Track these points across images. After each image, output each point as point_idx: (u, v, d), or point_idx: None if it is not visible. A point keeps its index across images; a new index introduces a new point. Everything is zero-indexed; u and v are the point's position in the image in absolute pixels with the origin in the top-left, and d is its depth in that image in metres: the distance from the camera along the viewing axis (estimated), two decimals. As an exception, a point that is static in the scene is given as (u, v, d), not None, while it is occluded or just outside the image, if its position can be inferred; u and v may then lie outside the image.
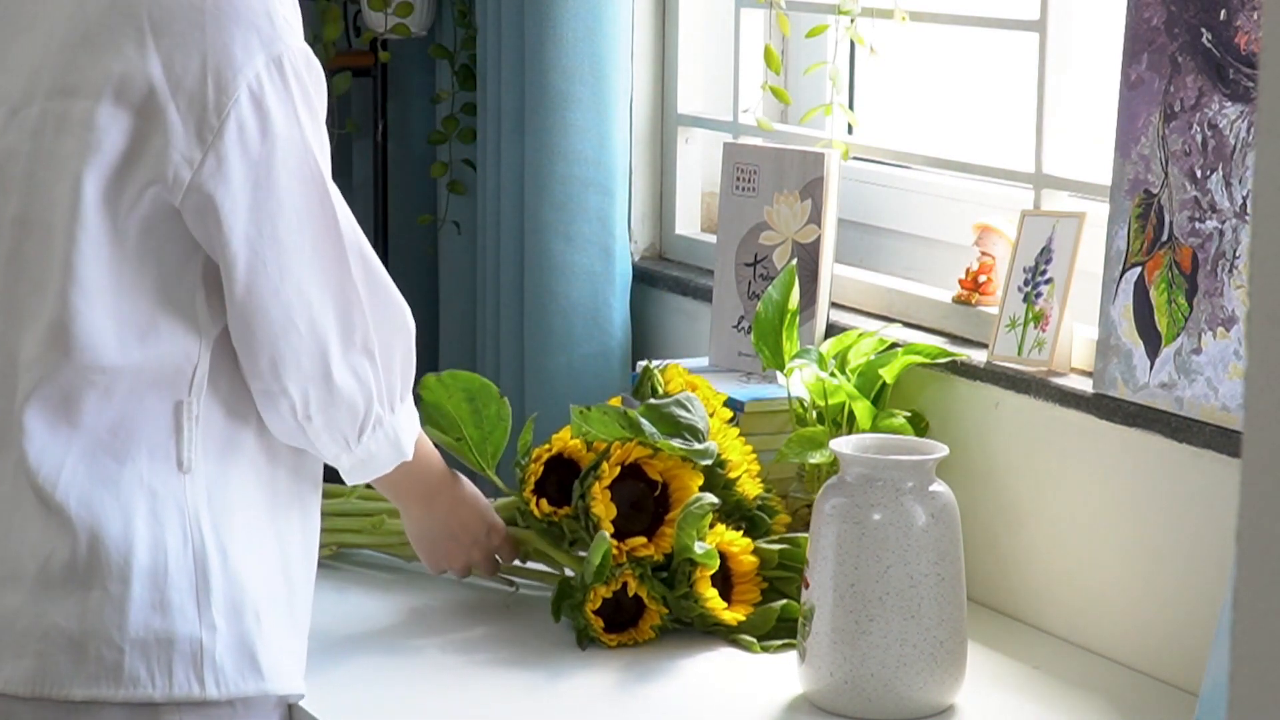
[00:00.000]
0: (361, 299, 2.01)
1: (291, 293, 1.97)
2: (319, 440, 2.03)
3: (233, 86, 1.91)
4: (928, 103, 3.02)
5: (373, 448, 2.07)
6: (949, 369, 2.50)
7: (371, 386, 2.03)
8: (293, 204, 1.96)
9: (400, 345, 2.06)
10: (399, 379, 2.07)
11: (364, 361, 2.02)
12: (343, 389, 2.01)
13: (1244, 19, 2.17)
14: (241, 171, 1.92)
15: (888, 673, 2.11)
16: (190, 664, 1.97)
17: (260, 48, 1.92)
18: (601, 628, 2.31)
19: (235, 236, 1.93)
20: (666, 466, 2.36)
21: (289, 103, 1.94)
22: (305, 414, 2.00)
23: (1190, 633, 2.19)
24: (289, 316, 1.97)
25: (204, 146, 1.91)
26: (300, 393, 1.99)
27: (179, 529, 1.97)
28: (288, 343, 1.97)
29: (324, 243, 1.98)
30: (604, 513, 2.32)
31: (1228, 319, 2.17)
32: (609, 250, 3.02)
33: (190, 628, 1.97)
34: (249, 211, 1.93)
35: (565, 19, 2.97)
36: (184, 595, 1.97)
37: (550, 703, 2.20)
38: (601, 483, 2.34)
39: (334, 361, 2.00)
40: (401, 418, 2.08)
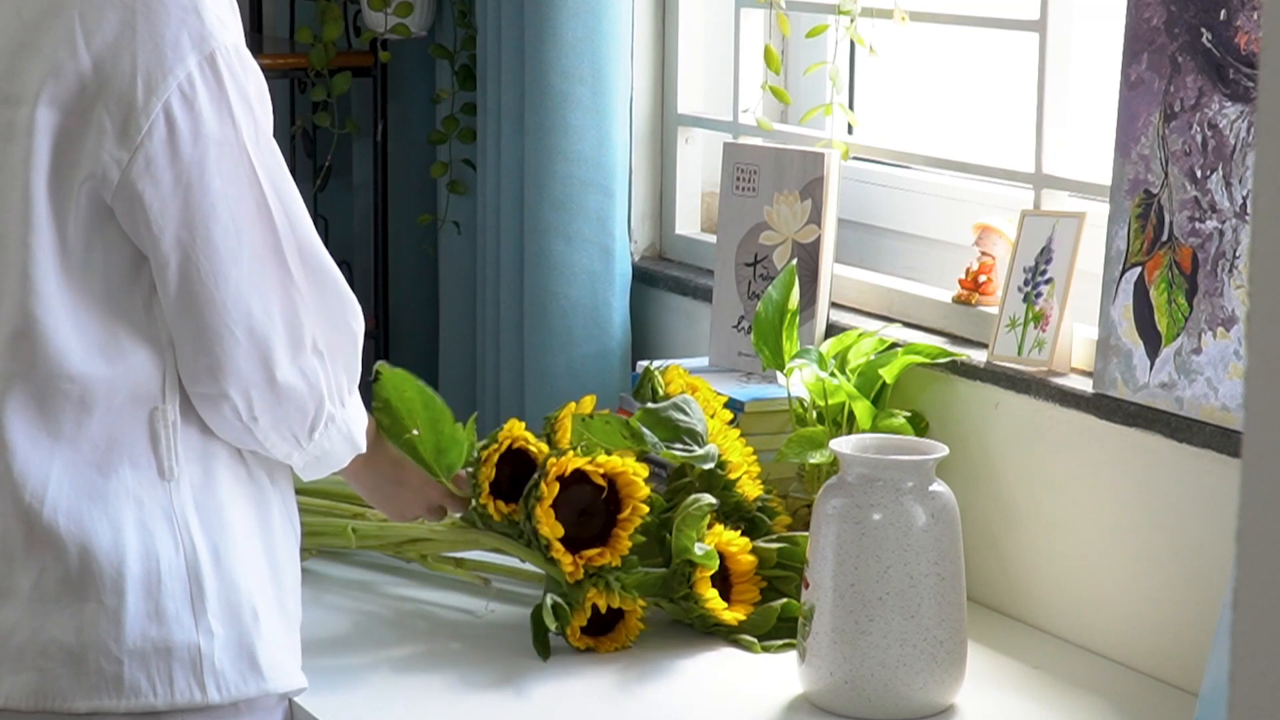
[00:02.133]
0: (306, 300, 1.98)
1: (228, 298, 1.93)
2: (268, 440, 2.00)
3: (163, 87, 1.89)
4: (928, 103, 3.02)
5: (326, 445, 2.04)
6: (949, 369, 2.50)
7: (322, 386, 2.00)
8: (227, 207, 1.92)
9: (347, 341, 2.03)
10: (346, 376, 2.04)
11: (314, 362, 1.99)
12: (290, 391, 1.98)
13: (1244, 19, 2.17)
14: (171, 173, 1.90)
15: (888, 673, 2.11)
16: (190, 670, 1.97)
17: (192, 47, 1.91)
18: (590, 645, 2.31)
19: (165, 239, 1.91)
20: (609, 467, 2.34)
21: (223, 102, 1.92)
22: (250, 415, 1.97)
23: (1190, 633, 2.19)
24: (225, 322, 1.94)
25: (131, 146, 1.89)
26: (242, 396, 1.96)
27: (169, 537, 1.97)
28: (224, 349, 1.94)
29: (262, 247, 1.95)
30: (551, 533, 2.30)
31: (1228, 319, 2.17)
32: (609, 250, 3.02)
33: (187, 635, 1.97)
34: (180, 214, 1.91)
35: (565, 19, 2.97)
36: (179, 603, 1.97)
37: (550, 702, 2.20)
38: (544, 504, 2.31)
39: (280, 365, 1.96)
40: (352, 411, 2.06)
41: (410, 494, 2.31)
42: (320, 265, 2.01)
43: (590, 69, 2.99)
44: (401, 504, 2.32)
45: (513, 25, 3.06)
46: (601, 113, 3.00)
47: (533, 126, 3.02)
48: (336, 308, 2.02)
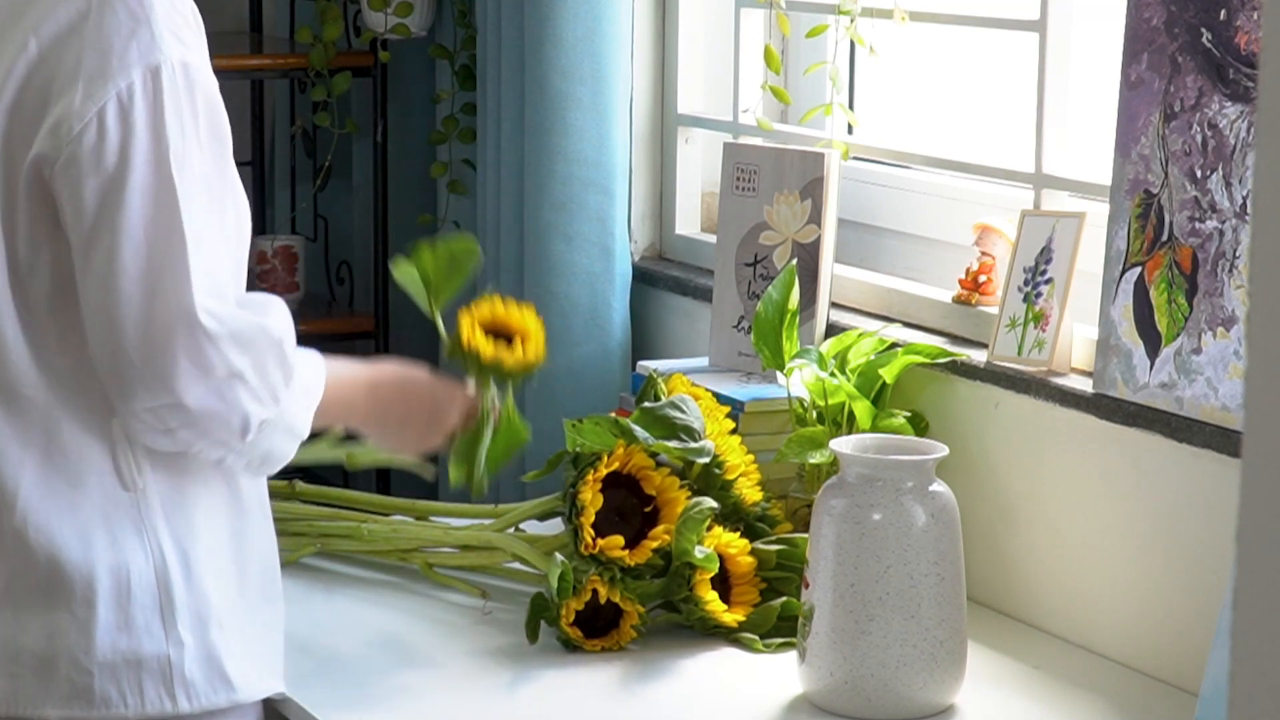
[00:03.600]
0: (214, 332, 1.91)
1: (129, 314, 1.89)
2: (194, 449, 1.96)
3: (101, 94, 1.88)
4: (928, 103, 3.02)
5: (264, 445, 1.98)
6: (949, 369, 2.50)
7: (243, 402, 1.93)
8: (140, 226, 1.88)
9: (273, 355, 1.95)
10: (278, 378, 1.96)
11: (230, 383, 1.92)
12: (205, 412, 1.92)
13: (1244, 19, 2.17)
14: (93, 180, 1.88)
15: (888, 673, 2.11)
16: (160, 682, 1.98)
17: (138, 58, 1.89)
18: (582, 637, 2.31)
19: (78, 242, 1.89)
20: (663, 485, 2.36)
21: (158, 118, 1.89)
22: (168, 430, 1.93)
23: (1190, 633, 2.19)
24: (127, 338, 1.89)
25: (61, 145, 1.88)
26: (154, 415, 1.92)
27: (139, 548, 1.97)
28: (127, 364, 1.90)
29: (171, 275, 1.89)
30: (589, 500, 2.32)
31: (1228, 319, 2.17)
32: (609, 250, 3.02)
33: (157, 646, 1.97)
34: (93, 222, 1.88)
35: (565, 19, 2.97)
36: (149, 614, 1.97)
37: (550, 702, 2.20)
38: (596, 473, 2.33)
39: (186, 392, 1.90)
40: (289, 405, 1.98)
41: (420, 433, 2.21)
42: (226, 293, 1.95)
43: (590, 69, 2.99)
44: (411, 444, 2.22)
45: (513, 25, 3.06)
46: (601, 113, 3.00)
47: (533, 126, 3.02)
48: (253, 332, 1.94)
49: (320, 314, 3.51)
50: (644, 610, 2.33)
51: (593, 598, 2.30)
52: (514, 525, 2.49)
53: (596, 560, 2.32)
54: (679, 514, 2.34)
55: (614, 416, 2.39)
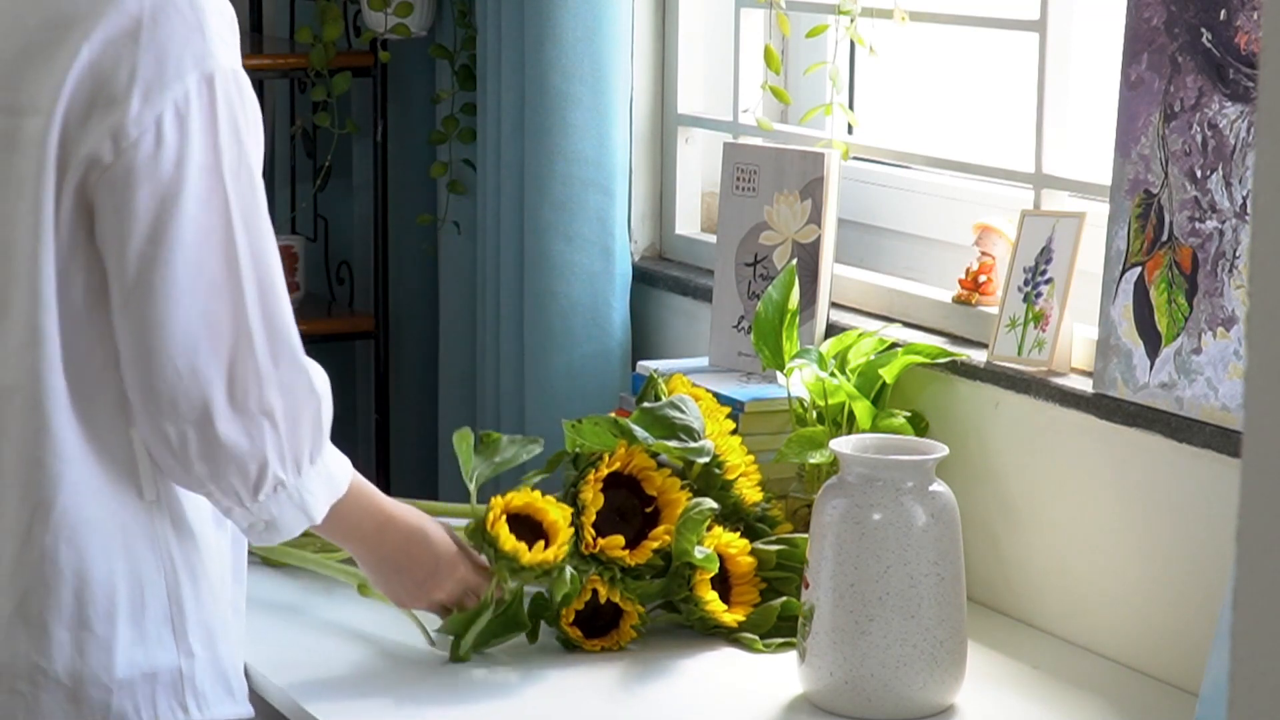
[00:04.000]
0: (258, 358, 1.92)
1: (176, 328, 1.89)
2: (204, 487, 1.94)
3: (158, 102, 1.87)
4: (928, 103, 3.02)
5: (274, 510, 1.97)
6: (949, 369, 2.50)
7: (267, 449, 1.93)
8: (195, 237, 1.89)
9: (308, 412, 1.97)
10: (307, 442, 1.97)
11: (261, 422, 1.92)
12: (229, 445, 1.91)
13: (1244, 19, 2.17)
14: (148, 187, 1.87)
15: (888, 673, 2.11)
16: (173, 694, 1.97)
17: (193, 66, 1.88)
18: (581, 637, 2.31)
19: (129, 250, 1.88)
20: (664, 486, 2.36)
21: (212, 127, 1.89)
22: (184, 455, 1.91)
23: (1190, 633, 2.19)
24: (168, 352, 1.89)
25: (117, 152, 1.87)
26: (177, 434, 1.90)
27: (151, 559, 1.96)
28: (164, 378, 1.89)
29: (222, 284, 1.90)
30: (591, 500, 2.32)
31: (1228, 319, 2.17)
32: (609, 250, 3.02)
33: (170, 657, 1.97)
34: (149, 230, 1.87)
35: (565, 19, 2.97)
36: (160, 626, 1.96)
37: (550, 702, 2.20)
38: (598, 473, 2.33)
39: (218, 415, 1.90)
40: (310, 480, 1.99)
41: (412, 586, 2.23)
42: (280, 324, 1.95)
43: (590, 69, 2.99)
44: (401, 592, 2.24)
45: (513, 25, 3.06)
46: (601, 112, 3.00)
47: (533, 126, 3.02)
48: (296, 374, 1.95)
49: (320, 314, 3.51)
50: (644, 610, 2.33)
51: (593, 598, 2.30)
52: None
53: (597, 560, 2.32)
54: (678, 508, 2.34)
55: (614, 416, 2.39)
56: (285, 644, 2.34)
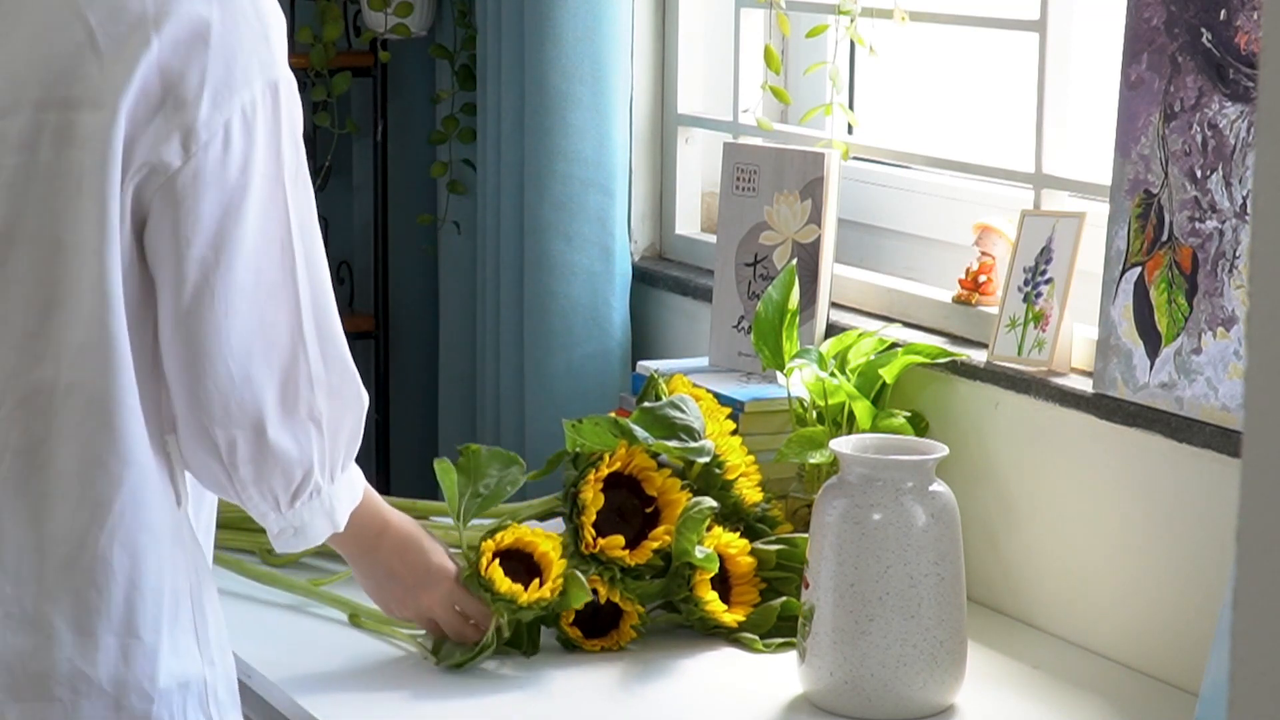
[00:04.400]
0: (310, 364, 1.92)
1: (233, 333, 1.87)
2: (245, 493, 1.93)
3: (228, 105, 1.86)
4: (928, 103, 3.02)
5: (306, 516, 1.97)
6: (949, 369, 2.50)
7: (313, 456, 1.93)
8: (255, 241, 1.88)
9: (350, 419, 1.97)
10: (344, 451, 1.97)
11: (309, 429, 1.92)
12: (279, 451, 1.91)
13: (1244, 19, 2.17)
14: (215, 193, 1.85)
15: (888, 673, 2.11)
16: (200, 704, 1.95)
17: (259, 72, 1.88)
18: (581, 637, 2.31)
19: (191, 255, 1.86)
20: (664, 486, 2.36)
21: (276, 134, 1.89)
22: (232, 461, 1.90)
23: (1190, 633, 2.19)
24: (223, 356, 1.88)
25: (186, 155, 1.85)
26: (226, 440, 1.89)
27: (185, 569, 1.94)
28: (217, 384, 1.88)
29: (280, 291, 1.90)
30: (591, 500, 2.32)
31: (1228, 319, 2.17)
32: (609, 250, 3.02)
33: (197, 667, 1.95)
34: (212, 234, 1.86)
35: (565, 19, 2.97)
36: (188, 636, 1.94)
37: (550, 702, 2.20)
38: (598, 473, 2.33)
39: (271, 421, 1.90)
40: (339, 487, 1.99)
41: (403, 594, 2.24)
42: (332, 333, 1.95)
43: (590, 69, 2.99)
44: (391, 600, 2.25)
45: (513, 25, 3.06)
46: (601, 112, 3.00)
47: (533, 126, 3.02)
48: (345, 381, 1.96)
49: (320, 314, 3.51)
50: (644, 610, 2.33)
51: (593, 598, 2.30)
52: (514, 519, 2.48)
53: (597, 560, 2.32)
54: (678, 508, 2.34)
55: (614, 416, 2.39)
56: (285, 643, 2.34)
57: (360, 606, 2.39)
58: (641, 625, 2.33)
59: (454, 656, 2.25)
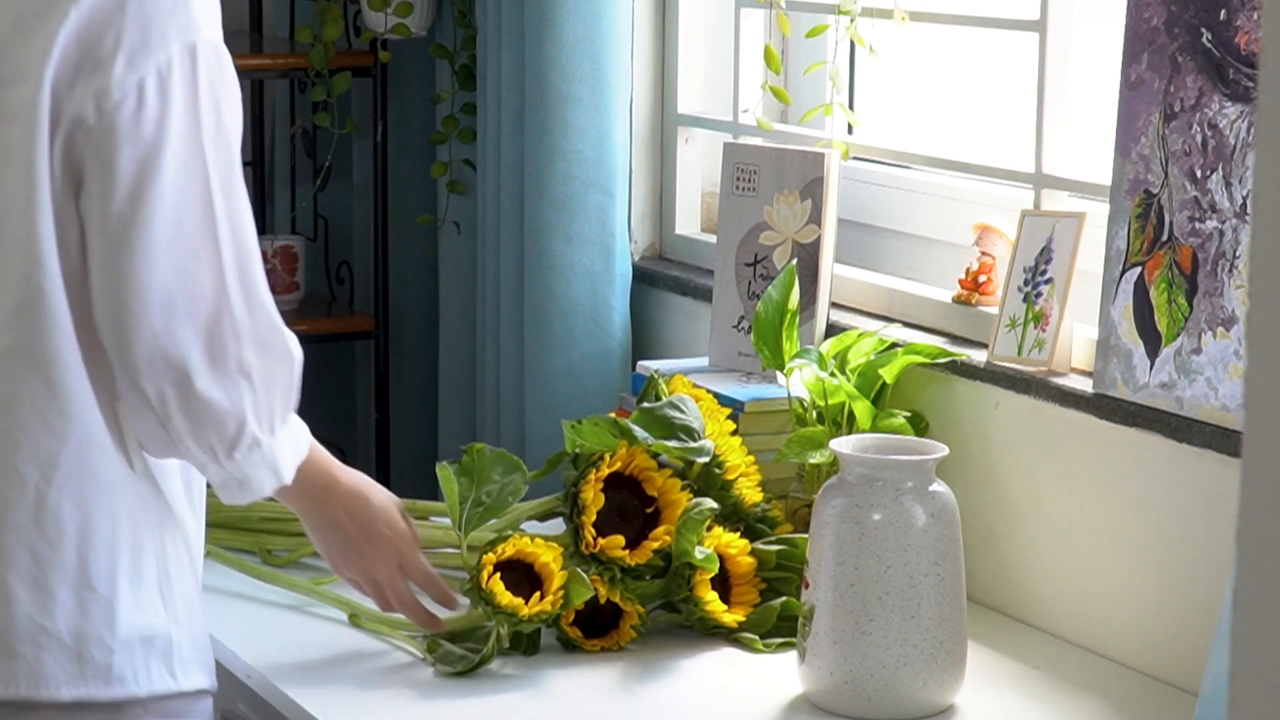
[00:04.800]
0: (236, 318, 1.96)
1: (153, 286, 1.92)
2: (183, 445, 1.97)
3: (142, 66, 1.91)
4: (928, 103, 3.02)
5: (247, 469, 2.00)
6: (949, 369, 2.50)
7: (245, 408, 1.97)
8: (174, 198, 1.92)
9: (282, 373, 2.00)
10: (280, 404, 2.01)
11: (239, 381, 1.96)
12: (209, 402, 1.95)
13: (1244, 19, 2.17)
14: (130, 149, 1.91)
15: (888, 673, 2.11)
16: (164, 660, 2.01)
17: (177, 35, 1.93)
18: (581, 637, 2.31)
19: (111, 210, 1.91)
20: (665, 486, 2.36)
21: (193, 95, 1.93)
22: (165, 413, 1.94)
23: (1190, 633, 2.19)
24: (148, 310, 1.92)
25: (100, 113, 1.90)
26: (156, 393, 1.94)
27: (146, 527, 1.99)
28: (141, 337, 1.92)
29: (200, 246, 1.94)
30: (591, 500, 2.32)
31: (1228, 319, 2.17)
32: (609, 250, 3.02)
33: (161, 623, 2.00)
34: (129, 190, 1.91)
35: (565, 19, 2.97)
36: (153, 593, 2.00)
37: (550, 702, 2.20)
38: (599, 473, 2.33)
39: (198, 373, 1.94)
40: (282, 441, 2.02)
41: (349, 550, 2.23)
42: (256, 288, 1.98)
43: (590, 69, 2.99)
44: (338, 557, 2.24)
45: (513, 25, 3.06)
46: (601, 112, 3.00)
47: (533, 126, 3.02)
48: (273, 335, 1.99)
49: (320, 314, 3.51)
50: (644, 610, 2.33)
51: (593, 598, 2.30)
52: (514, 525, 2.48)
53: (597, 560, 2.32)
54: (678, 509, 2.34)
55: (614, 417, 2.39)
56: (285, 643, 2.34)
57: (360, 607, 2.39)
58: (641, 625, 2.33)
59: (452, 663, 2.25)
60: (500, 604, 2.24)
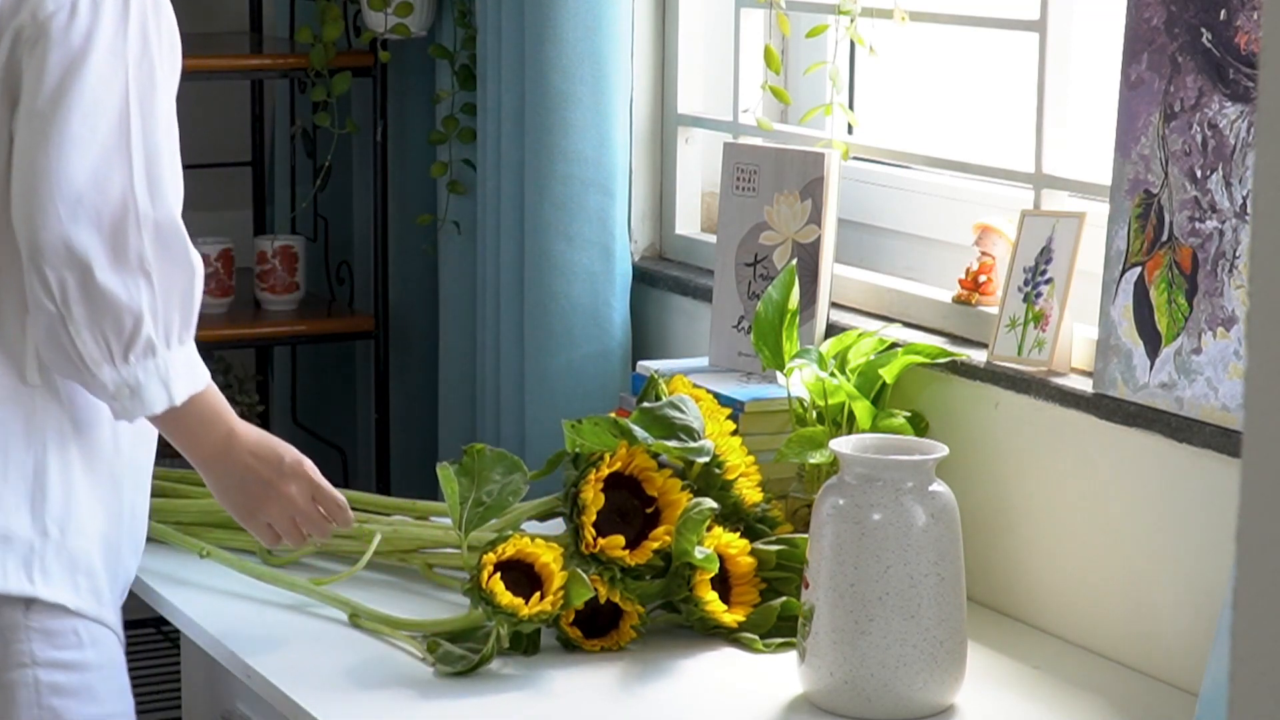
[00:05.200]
0: (140, 218, 2.09)
1: (63, 175, 2.07)
2: (80, 339, 2.09)
3: None
4: (928, 103, 3.02)
5: (141, 376, 2.12)
6: (949, 369, 2.50)
7: (143, 304, 2.10)
8: (93, 101, 2.08)
9: (181, 279, 2.13)
10: (178, 315, 2.14)
11: (138, 279, 2.10)
12: (108, 293, 2.08)
13: (1244, 19, 2.17)
14: (57, 54, 2.07)
15: (887, 673, 2.11)
16: (23, 563, 2.15)
17: None
18: (581, 637, 2.31)
19: (35, 107, 2.07)
20: (665, 487, 2.36)
21: (123, 18, 2.09)
22: (64, 301, 2.08)
23: (1190, 633, 2.19)
24: (57, 199, 2.06)
25: (35, 22, 2.08)
26: (58, 280, 2.07)
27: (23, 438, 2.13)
28: (48, 224, 2.07)
29: (113, 151, 2.09)
30: (591, 499, 2.32)
31: (1228, 319, 2.17)
32: (609, 250, 3.02)
33: (24, 529, 2.14)
34: (52, 90, 2.07)
35: (565, 19, 2.97)
36: (18, 495, 2.14)
37: (550, 702, 2.20)
38: (599, 473, 2.33)
39: (98, 263, 2.08)
40: (178, 358, 2.14)
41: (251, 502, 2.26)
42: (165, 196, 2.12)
43: (590, 69, 2.99)
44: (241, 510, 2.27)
45: (513, 25, 3.06)
46: (601, 112, 3.00)
47: (533, 126, 3.02)
48: (175, 245, 2.12)
49: (320, 314, 3.51)
50: (644, 610, 2.33)
51: (593, 598, 2.30)
52: (514, 525, 2.49)
53: (597, 560, 2.32)
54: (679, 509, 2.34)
55: (613, 417, 2.39)
56: (285, 643, 2.34)
57: (360, 606, 2.39)
58: (641, 625, 2.33)
59: (452, 663, 2.25)
60: (500, 604, 2.24)
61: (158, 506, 2.56)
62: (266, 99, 3.77)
